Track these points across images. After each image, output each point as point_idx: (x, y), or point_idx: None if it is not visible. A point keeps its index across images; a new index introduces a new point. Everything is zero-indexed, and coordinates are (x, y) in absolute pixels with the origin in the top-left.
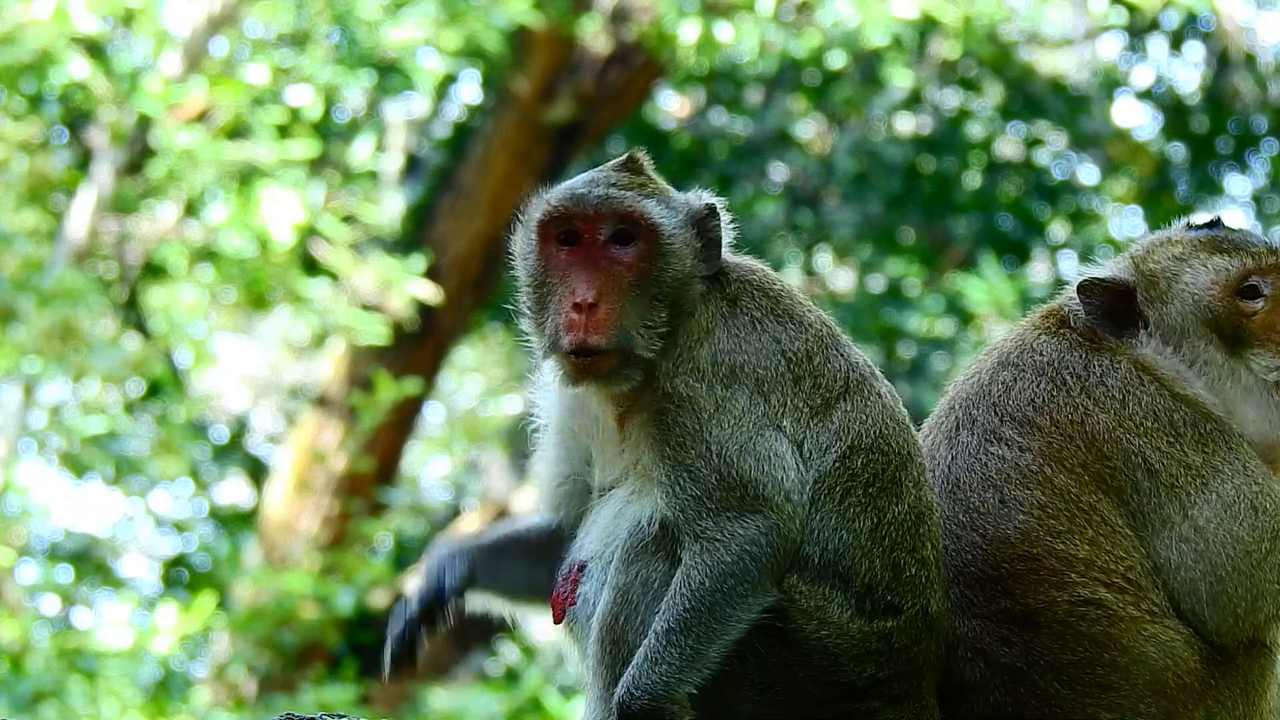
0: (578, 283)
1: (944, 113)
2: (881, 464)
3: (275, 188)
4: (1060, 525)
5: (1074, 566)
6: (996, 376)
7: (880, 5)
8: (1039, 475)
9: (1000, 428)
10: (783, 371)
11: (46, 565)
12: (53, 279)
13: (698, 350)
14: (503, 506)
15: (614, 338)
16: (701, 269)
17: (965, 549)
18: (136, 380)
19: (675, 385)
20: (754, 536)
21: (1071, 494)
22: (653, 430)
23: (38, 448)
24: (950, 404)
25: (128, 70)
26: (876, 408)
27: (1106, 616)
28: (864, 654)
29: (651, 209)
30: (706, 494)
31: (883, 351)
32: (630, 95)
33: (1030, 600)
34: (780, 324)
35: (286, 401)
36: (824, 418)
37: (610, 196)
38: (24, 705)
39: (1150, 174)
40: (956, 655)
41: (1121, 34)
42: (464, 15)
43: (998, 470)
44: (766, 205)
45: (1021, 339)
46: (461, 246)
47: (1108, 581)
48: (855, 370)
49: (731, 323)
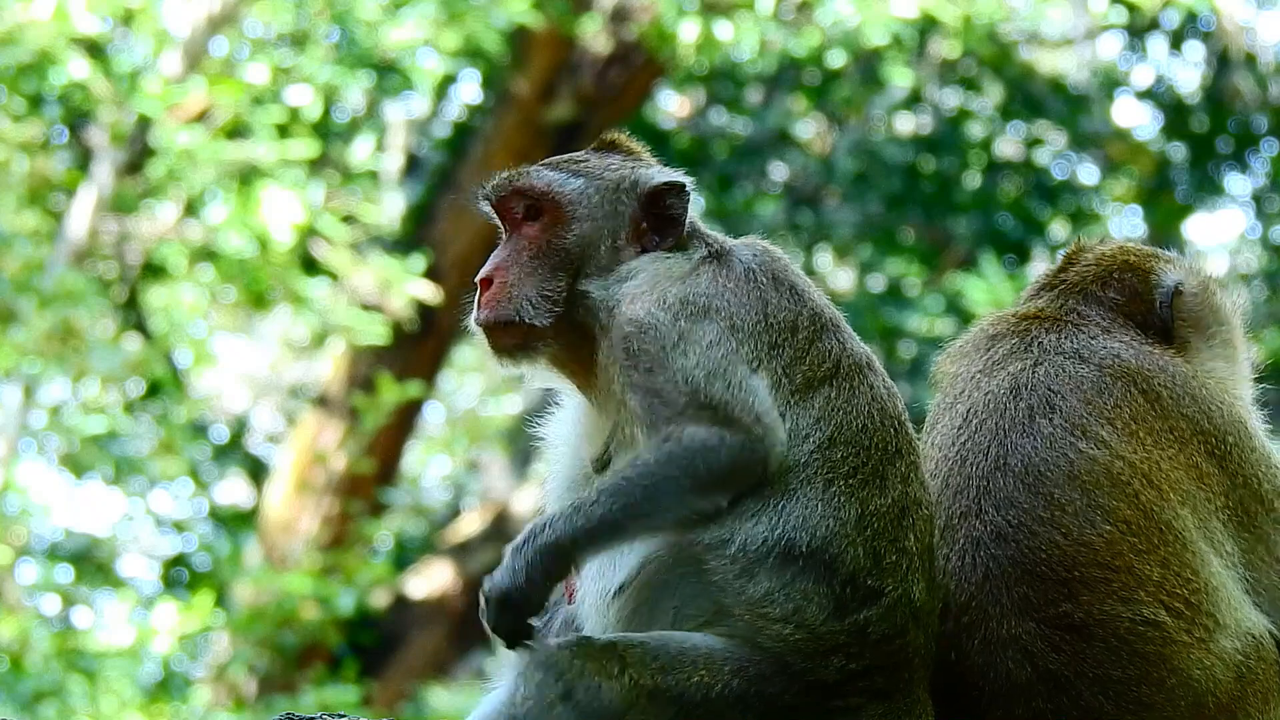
0: (489, 262)
1: (944, 112)
2: (863, 458)
3: (275, 188)
4: (1142, 544)
5: (1145, 585)
6: (1071, 369)
7: (880, 4)
8: (1130, 488)
9: (1090, 424)
10: (760, 329)
11: (46, 565)
12: (53, 280)
13: (668, 288)
14: (503, 506)
15: (503, 310)
16: (657, 242)
17: (1042, 546)
18: (136, 380)
19: (635, 313)
20: (713, 444)
21: (1155, 510)
22: (621, 363)
23: (38, 448)
24: (1013, 386)
25: (127, 70)
26: (865, 399)
27: (1162, 639)
28: (832, 648)
29: (551, 180)
30: (677, 412)
31: (883, 351)
32: (630, 95)
33: (1094, 611)
34: (776, 289)
35: (286, 401)
36: (805, 398)
37: (514, 175)
38: (24, 704)
39: (1150, 174)
40: (1006, 656)
41: (1121, 34)
42: (463, 15)
43: (1088, 472)
44: (766, 205)
45: (1082, 329)
46: (461, 246)
47: (1170, 605)
48: (850, 358)
49: (717, 272)
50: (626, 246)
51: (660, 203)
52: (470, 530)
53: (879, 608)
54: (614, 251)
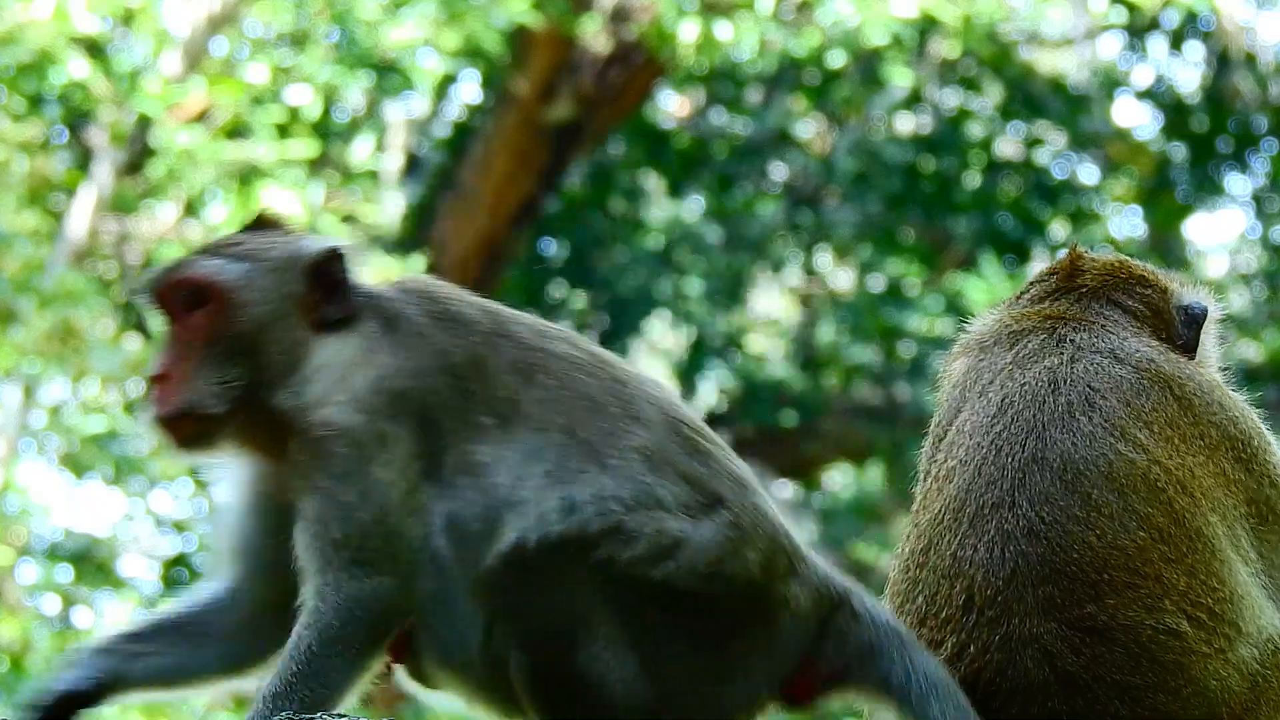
0: (158, 358)
1: (944, 112)
2: (603, 412)
3: (275, 187)
4: (1171, 552)
5: (1170, 594)
6: (1109, 368)
7: (880, 4)
8: (1164, 494)
9: (1129, 426)
10: (451, 386)
11: (46, 565)
12: (53, 280)
13: (354, 379)
14: None
15: (177, 402)
16: (329, 313)
17: (1075, 545)
18: (136, 380)
19: (328, 417)
20: (369, 603)
21: (1187, 518)
22: (310, 466)
23: (38, 448)
24: (1051, 380)
25: (127, 70)
26: (566, 366)
27: (1182, 648)
28: (734, 550)
29: (210, 269)
30: (342, 558)
31: (883, 351)
32: (630, 95)
33: (1119, 616)
34: (450, 330)
35: None
36: (517, 409)
37: (172, 267)
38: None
39: (1150, 174)
40: (1025, 654)
41: (1121, 33)
42: (463, 15)
43: (1126, 475)
44: (766, 205)
45: (1111, 332)
46: (461, 246)
47: (1192, 615)
48: (536, 352)
49: (394, 342)
50: (301, 327)
51: (323, 272)
52: None
53: (728, 509)
54: (290, 333)
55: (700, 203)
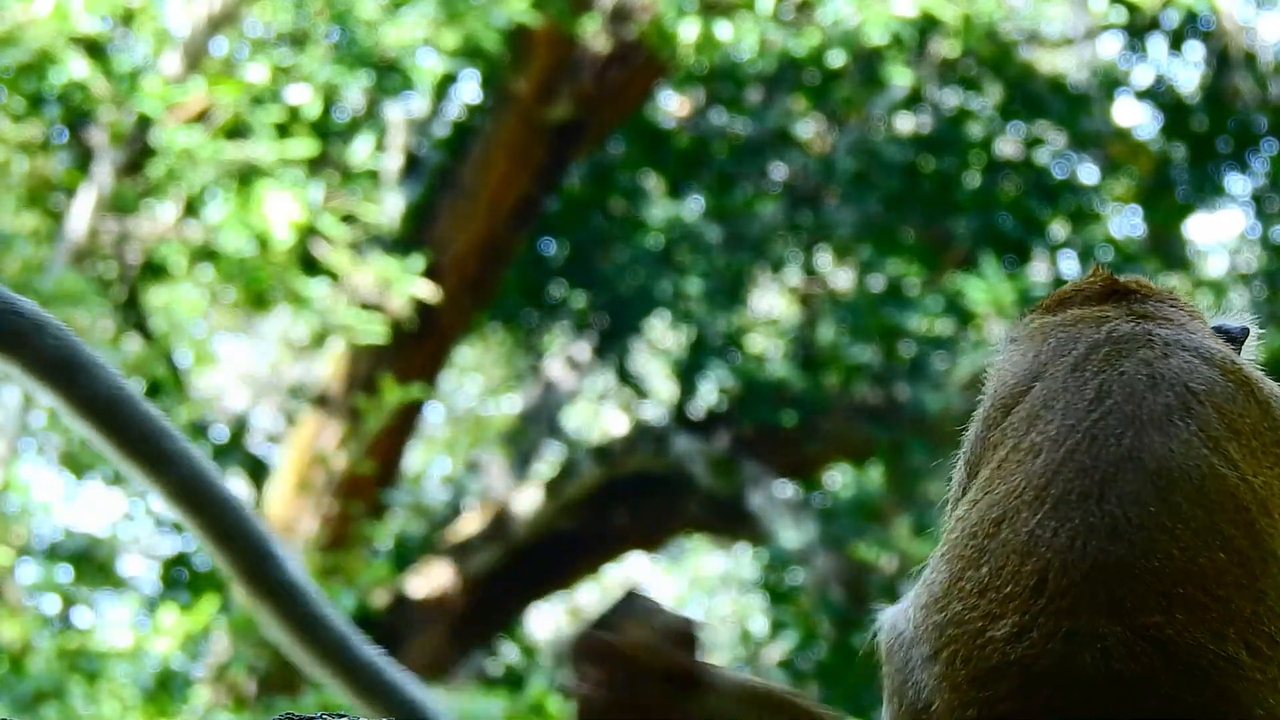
0: None
1: (944, 112)
2: None
3: (275, 187)
4: (1244, 577)
5: (1235, 621)
6: (1200, 369)
7: (880, 4)
8: (1247, 515)
9: (1222, 437)
10: None
11: (46, 565)
12: (53, 280)
13: None
14: (502, 506)
15: None
16: None
17: (1158, 554)
18: (137, 380)
19: None
20: None
21: (1265, 540)
22: None
23: (38, 448)
24: (1150, 376)
25: (127, 70)
26: None
27: (1236, 675)
28: None
29: None
30: None
31: (883, 351)
32: (630, 95)
33: (1184, 635)
34: None
35: (286, 401)
36: None
37: None
38: (24, 705)
39: (1150, 174)
40: (1085, 652)
41: (1121, 33)
42: (463, 15)
43: (1216, 491)
44: (766, 205)
45: (1190, 329)
46: (461, 246)
47: (1251, 644)
48: None
49: None
50: None
51: None
52: (470, 530)
53: None
54: None
55: (700, 202)
